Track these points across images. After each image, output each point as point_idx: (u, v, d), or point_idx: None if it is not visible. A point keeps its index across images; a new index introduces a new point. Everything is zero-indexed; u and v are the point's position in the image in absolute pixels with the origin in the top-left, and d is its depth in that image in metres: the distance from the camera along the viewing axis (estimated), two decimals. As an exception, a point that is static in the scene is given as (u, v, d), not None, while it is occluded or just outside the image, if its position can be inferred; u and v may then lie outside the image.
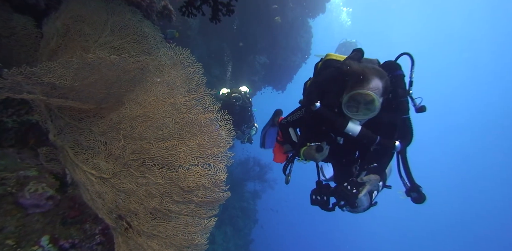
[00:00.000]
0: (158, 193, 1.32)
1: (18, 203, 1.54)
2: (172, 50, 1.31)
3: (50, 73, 1.10)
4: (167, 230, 1.33)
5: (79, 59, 1.11)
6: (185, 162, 1.31)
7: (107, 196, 1.35)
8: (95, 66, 1.14)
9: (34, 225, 1.54)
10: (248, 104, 5.45)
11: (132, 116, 1.34)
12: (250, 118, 5.62)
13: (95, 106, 1.34)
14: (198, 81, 1.32)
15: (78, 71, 1.13)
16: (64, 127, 1.45)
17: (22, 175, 1.64)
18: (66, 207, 1.65)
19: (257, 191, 13.59)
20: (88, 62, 1.12)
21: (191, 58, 1.31)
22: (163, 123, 1.33)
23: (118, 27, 1.61)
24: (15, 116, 1.86)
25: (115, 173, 1.35)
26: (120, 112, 1.35)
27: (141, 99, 1.34)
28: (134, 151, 1.34)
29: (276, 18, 8.12)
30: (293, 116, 2.10)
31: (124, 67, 1.21)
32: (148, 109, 1.33)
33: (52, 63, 1.08)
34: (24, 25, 1.64)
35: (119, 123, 1.35)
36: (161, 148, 1.32)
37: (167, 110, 1.33)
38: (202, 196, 1.31)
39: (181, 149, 1.32)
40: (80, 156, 1.40)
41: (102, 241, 1.65)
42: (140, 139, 1.34)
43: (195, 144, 1.32)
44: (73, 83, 1.15)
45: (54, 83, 1.12)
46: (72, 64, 1.10)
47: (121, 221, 1.41)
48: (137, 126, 1.34)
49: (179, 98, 1.32)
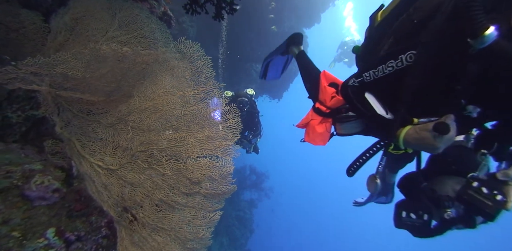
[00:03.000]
0: (165, 185, 1.33)
1: (24, 195, 1.54)
2: (182, 44, 1.34)
3: (63, 64, 1.12)
4: (172, 223, 1.34)
5: (91, 50, 1.13)
6: (193, 153, 1.33)
7: (113, 188, 1.36)
8: (107, 58, 1.16)
9: (40, 217, 1.54)
10: (255, 110, 4.87)
11: (141, 109, 1.36)
12: (257, 125, 4.98)
13: (105, 98, 1.36)
14: (207, 74, 1.34)
15: (90, 63, 1.15)
16: (71, 119, 1.46)
17: (27, 169, 1.64)
18: (72, 200, 1.65)
19: (253, 200, 13.52)
20: (101, 54, 1.14)
21: (201, 52, 1.34)
22: (172, 115, 1.34)
23: (125, 22, 1.63)
24: (19, 112, 1.86)
25: (122, 164, 1.36)
26: (129, 104, 1.36)
27: (150, 92, 1.36)
28: (142, 143, 1.36)
29: (272, 27, 8.26)
30: (378, 72, 1.26)
31: (134, 60, 1.24)
32: (157, 101, 1.35)
33: (65, 54, 1.10)
34: (32, 20, 1.66)
35: (127, 115, 1.37)
36: (170, 140, 1.34)
37: (176, 102, 1.35)
38: (209, 188, 1.33)
39: (190, 140, 1.34)
40: (87, 148, 1.41)
41: (108, 234, 1.65)
42: (148, 131, 1.35)
43: (203, 136, 1.34)
44: (84, 75, 1.17)
45: (66, 74, 1.14)
46: (84, 56, 1.12)
47: (126, 213, 1.42)
48: (145, 117, 1.36)
49: (188, 91, 1.34)
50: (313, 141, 1.71)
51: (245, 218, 12.11)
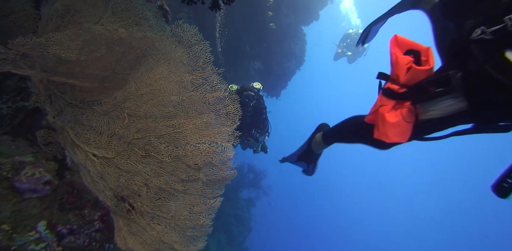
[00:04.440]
0: (163, 172, 1.29)
1: (14, 188, 1.49)
2: (180, 28, 1.31)
3: (57, 45, 1.07)
4: (172, 210, 1.30)
5: (86, 31, 1.09)
6: (192, 140, 1.30)
7: (109, 177, 1.32)
8: (102, 40, 1.12)
9: (31, 210, 1.48)
10: (262, 105, 4.39)
11: (138, 95, 1.32)
12: (264, 122, 4.52)
13: (99, 85, 1.32)
14: (205, 59, 1.31)
15: (85, 45, 1.11)
16: (64, 108, 1.41)
17: (17, 160, 1.59)
18: (64, 192, 1.60)
19: (252, 198, 13.45)
20: (96, 36, 1.10)
21: (198, 36, 1.31)
22: (170, 101, 1.31)
23: (119, 9, 1.59)
24: (10, 103, 1.81)
25: (118, 152, 1.32)
26: (125, 90, 1.32)
27: (146, 77, 1.32)
28: (139, 130, 1.32)
29: (270, 24, 8.26)
30: None
31: (130, 43, 1.20)
32: (154, 87, 1.31)
33: (59, 34, 1.06)
34: (22, 6, 1.60)
35: (123, 102, 1.33)
36: (168, 126, 1.30)
37: (173, 88, 1.31)
38: (209, 174, 1.30)
39: (188, 127, 1.31)
40: (81, 137, 1.36)
41: (101, 228, 1.60)
42: (145, 117, 1.31)
43: (202, 122, 1.31)
44: (78, 57, 1.13)
45: (59, 56, 1.09)
46: (79, 37, 1.08)
47: (123, 203, 1.37)
48: (142, 104, 1.32)
49: (185, 76, 1.31)
50: (385, 136, 1.17)
51: (243, 216, 12.05)
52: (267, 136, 4.65)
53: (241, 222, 11.76)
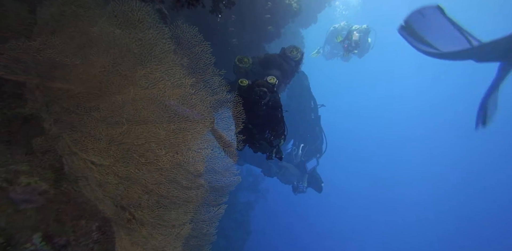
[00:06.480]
0: (164, 179, 1.23)
1: (9, 198, 1.42)
2: (179, 28, 1.26)
3: (51, 48, 1.03)
4: (173, 219, 1.24)
5: (82, 35, 1.05)
6: (193, 145, 1.24)
7: (108, 185, 1.26)
8: (99, 43, 1.08)
9: (26, 221, 1.41)
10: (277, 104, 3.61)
11: (136, 99, 1.27)
12: (280, 123, 3.76)
13: (96, 89, 1.27)
14: (206, 61, 1.27)
15: (80, 48, 1.07)
16: (61, 114, 1.36)
17: (13, 169, 1.53)
18: (61, 202, 1.53)
19: (251, 202, 13.31)
20: (92, 38, 1.06)
21: (199, 37, 1.26)
22: (170, 105, 1.26)
23: (117, 12, 1.55)
24: (5, 110, 1.76)
25: (117, 159, 1.26)
26: (123, 95, 1.27)
27: (145, 81, 1.28)
28: (138, 136, 1.27)
29: (269, 27, 8.25)
30: None
31: (127, 45, 1.15)
32: (153, 91, 1.26)
33: (53, 37, 1.01)
34: (17, 10, 1.56)
35: (121, 107, 1.27)
36: (168, 131, 1.25)
37: (173, 92, 1.26)
38: (212, 181, 1.24)
39: (189, 131, 1.25)
40: (79, 144, 1.31)
41: (99, 239, 1.53)
42: (145, 123, 1.26)
43: (203, 126, 1.26)
44: (74, 61, 1.08)
45: (54, 60, 1.05)
46: (74, 39, 1.04)
47: (123, 212, 1.31)
48: (141, 109, 1.27)
49: (186, 79, 1.26)
50: None
51: (242, 220, 11.90)
52: (282, 140, 3.93)
53: (240, 226, 11.63)
